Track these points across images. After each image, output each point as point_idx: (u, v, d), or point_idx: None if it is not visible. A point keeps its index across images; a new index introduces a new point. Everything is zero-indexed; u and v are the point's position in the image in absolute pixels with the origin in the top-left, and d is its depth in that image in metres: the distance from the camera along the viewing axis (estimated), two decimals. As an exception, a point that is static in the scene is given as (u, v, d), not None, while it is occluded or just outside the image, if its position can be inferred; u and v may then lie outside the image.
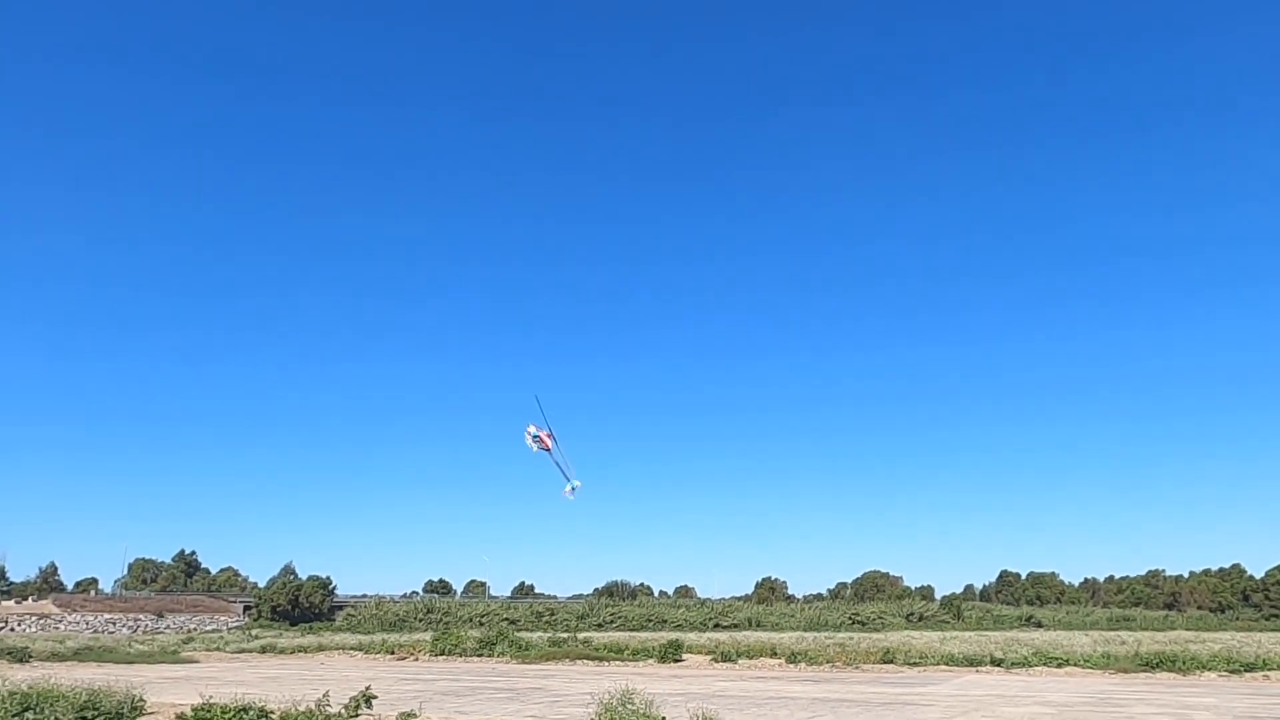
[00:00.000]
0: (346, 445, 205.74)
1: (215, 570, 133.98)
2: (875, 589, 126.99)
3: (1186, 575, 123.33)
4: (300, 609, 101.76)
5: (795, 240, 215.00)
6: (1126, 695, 23.15)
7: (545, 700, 22.12)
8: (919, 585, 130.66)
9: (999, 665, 33.95)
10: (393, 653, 46.60)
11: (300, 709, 15.26)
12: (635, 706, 14.17)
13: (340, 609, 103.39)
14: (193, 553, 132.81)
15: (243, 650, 52.47)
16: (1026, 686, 26.18)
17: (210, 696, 17.04)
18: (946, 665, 34.79)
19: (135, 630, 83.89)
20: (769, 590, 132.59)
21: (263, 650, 52.27)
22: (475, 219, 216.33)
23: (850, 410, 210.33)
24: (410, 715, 17.11)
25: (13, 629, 76.47)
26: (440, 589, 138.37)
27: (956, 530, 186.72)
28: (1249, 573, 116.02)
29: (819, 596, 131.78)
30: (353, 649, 50.75)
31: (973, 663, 34.72)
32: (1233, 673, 30.20)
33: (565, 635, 53.50)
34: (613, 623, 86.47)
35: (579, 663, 39.17)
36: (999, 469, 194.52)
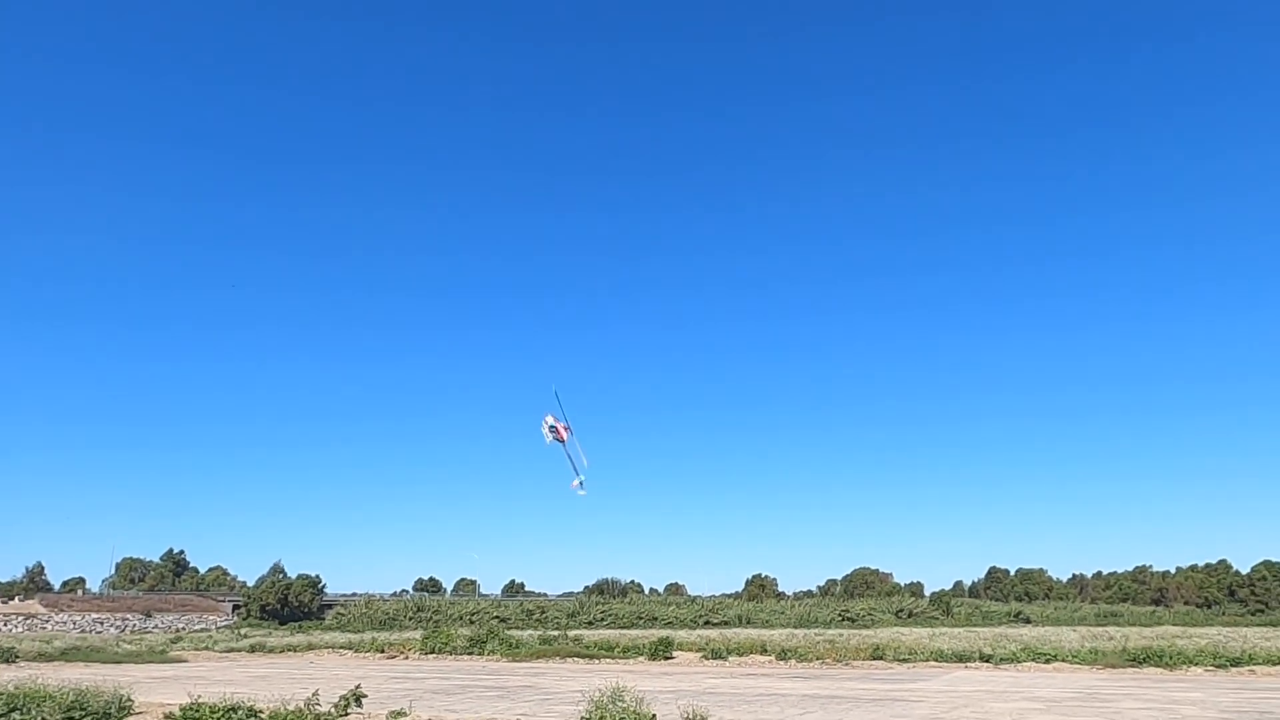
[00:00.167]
0: (336, 443, 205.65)
1: (204, 569, 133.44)
2: (865, 586, 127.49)
3: (1173, 571, 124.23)
4: (289, 608, 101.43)
5: (787, 237, 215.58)
6: (1114, 690, 23.29)
7: (536, 698, 22.10)
8: (908, 582, 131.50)
9: (988, 661, 34.10)
10: (383, 651, 46.50)
11: (289, 708, 15.21)
12: (626, 704, 14.18)
13: (330, 608, 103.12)
14: (181, 552, 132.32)
15: (232, 649, 52.27)
16: (1015, 682, 26.32)
17: (199, 696, 16.97)
18: (936, 661, 34.93)
19: (123, 630, 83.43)
20: (759, 587, 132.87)
21: (252, 649, 52.08)
22: (469, 215, 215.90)
23: (840, 408, 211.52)
24: (400, 714, 17.08)
25: (-1, 629, 75.96)
26: (430, 587, 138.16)
27: (946, 527, 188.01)
28: (1235, 568, 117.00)
29: (809, 593, 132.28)
30: (342, 648, 50.62)
31: (962, 659, 34.87)
32: (1219, 667, 30.42)
33: (556, 633, 53.48)
34: (603, 620, 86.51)
35: (569, 660, 39.16)
36: (988, 466, 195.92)
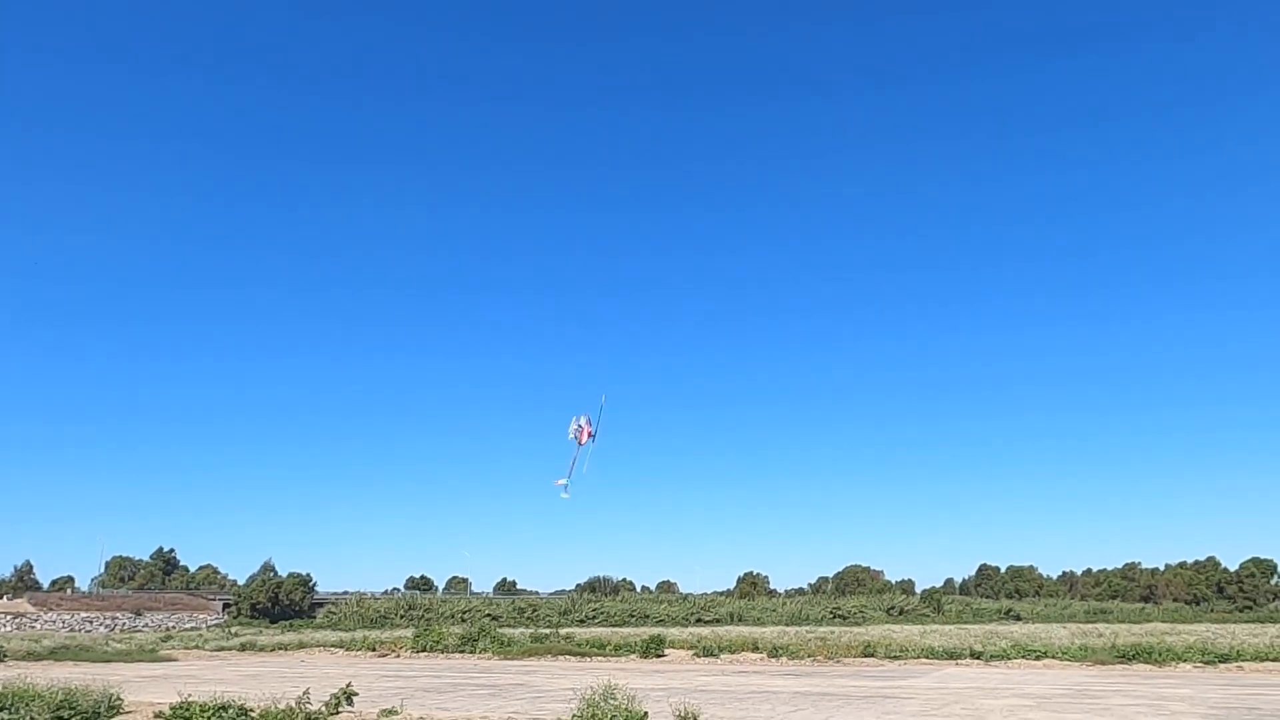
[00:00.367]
0: (327, 441, 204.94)
1: (194, 568, 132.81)
2: (856, 583, 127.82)
3: (1163, 568, 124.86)
4: (280, 606, 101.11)
5: (781, 235, 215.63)
6: (1104, 687, 23.40)
7: (527, 696, 22.09)
8: (899, 579, 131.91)
9: (978, 658, 34.22)
10: (374, 650, 46.40)
11: (280, 707, 15.17)
12: (617, 702, 14.18)
13: (321, 606, 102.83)
14: (171, 550, 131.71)
15: (222, 648, 52.07)
16: (1005, 679, 26.42)
17: (189, 695, 16.90)
18: (926, 658, 35.05)
19: (112, 629, 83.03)
20: (751, 585, 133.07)
21: (242, 648, 51.89)
22: (460, 213, 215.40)
23: (832, 405, 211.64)
24: (391, 712, 17.05)
25: (-13, 628, 75.54)
26: (422, 585, 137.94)
27: (937, 525, 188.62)
28: (1224, 565, 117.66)
29: (800, 591, 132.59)
30: (334, 646, 50.49)
31: (952, 656, 34.99)
32: (1208, 664, 30.59)
33: (547, 631, 53.45)
34: (595, 618, 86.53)
35: (561, 659, 39.15)
36: (979, 464, 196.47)
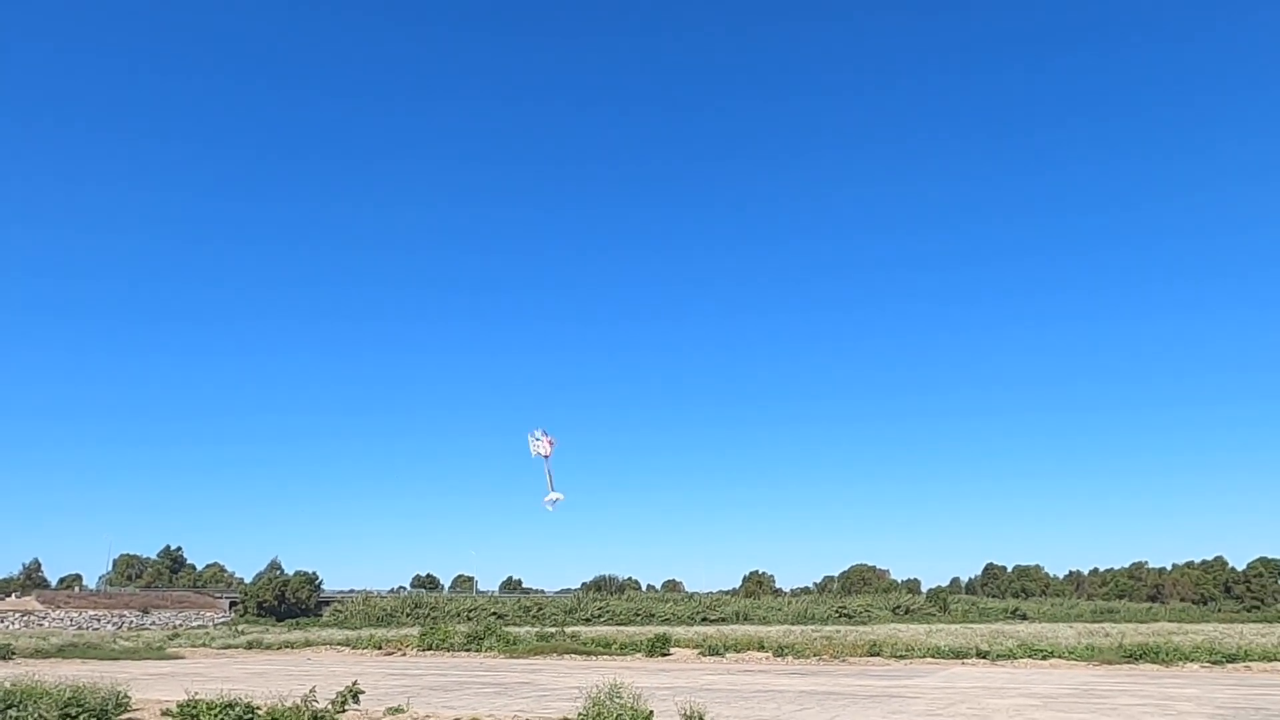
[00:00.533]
0: (333, 440, 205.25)
1: (201, 566, 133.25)
2: (862, 582, 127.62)
3: (1170, 568, 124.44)
4: (287, 604, 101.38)
5: (783, 233, 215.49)
6: (1110, 687, 23.35)
7: (533, 695, 22.11)
8: (905, 579, 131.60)
9: (985, 658, 34.15)
10: (380, 648, 46.50)
11: (287, 705, 15.20)
12: (623, 700, 14.18)
13: (327, 604, 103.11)
14: (178, 548, 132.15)
15: (229, 646, 52.23)
16: (1012, 679, 26.38)
17: (196, 693, 16.96)
18: (933, 658, 34.99)
19: (120, 627, 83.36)
20: (756, 584, 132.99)
21: (249, 646, 52.03)
22: (464, 211, 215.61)
23: (837, 404, 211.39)
24: (398, 710, 17.09)
25: (-5, 626, 75.89)
26: (428, 584, 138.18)
27: (943, 524, 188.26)
28: (1231, 565, 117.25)
29: (806, 590, 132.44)
30: (340, 644, 50.61)
31: (959, 655, 34.93)
32: (1215, 664, 30.48)
33: (553, 630, 53.51)
34: (600, 617, 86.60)
35: (567, 657, 39.19)
36: (985, 463, 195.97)
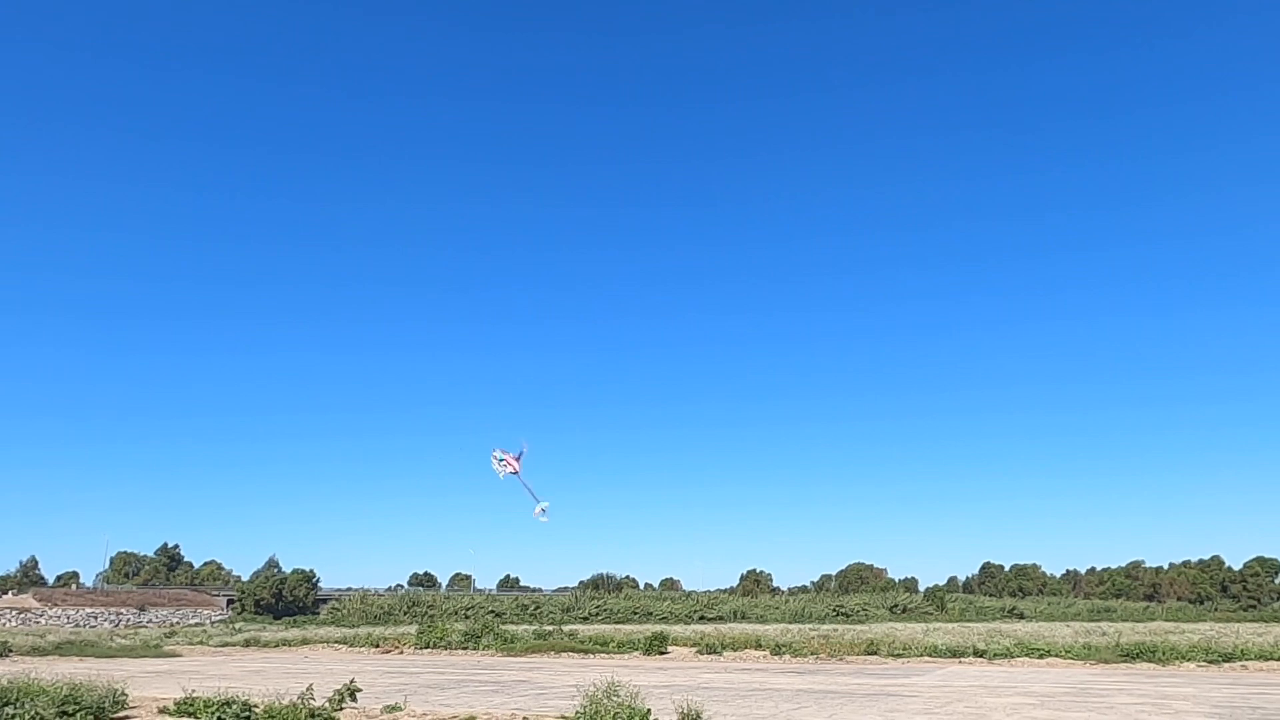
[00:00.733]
0: (331, 438, 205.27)
1: (198, 564, 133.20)
2: (859, 581, 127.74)
3: (1166, 567, 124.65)
4: (284, 602, 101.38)
5: (781, 231, 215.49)
6: (1107, 685, 23.38)
7: (531, 693, 22.11)
8: (903, 577, 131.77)
9: (982, 656, 34.18)
10: (377, 646, 46.50)
11: (284, 702, 15.19)
12: (620, 699, 14.18)
13: (324, 602, 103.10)
14: (175, 546, 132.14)
15: (226, 644, 52.20)
16: (1009, 677, 26.40)
17: (193, 690, 16.95)
18: (930, 657, 35.02)
19: (117, 624, 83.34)
20: (754, 583, 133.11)
21: (246, 644, 52.01)
22: (464, 209, 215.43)
23: (835, 403, 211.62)
24: (395, 708, 17.08)
25: (-8, 623, 75.79)
26: (425, 582, 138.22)
27: (940, 523, 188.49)
28: (1228, 564, 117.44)
29: (804, 589, 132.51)
30: (337, 642, 50.58)
31: (956, 654, 34.95)
32: (1211, 663, 30.53)
33: (551, 628, 53.51)
34: (598, 615, 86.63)
35: (564, 655, 39.19)
36: (982, 462, 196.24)
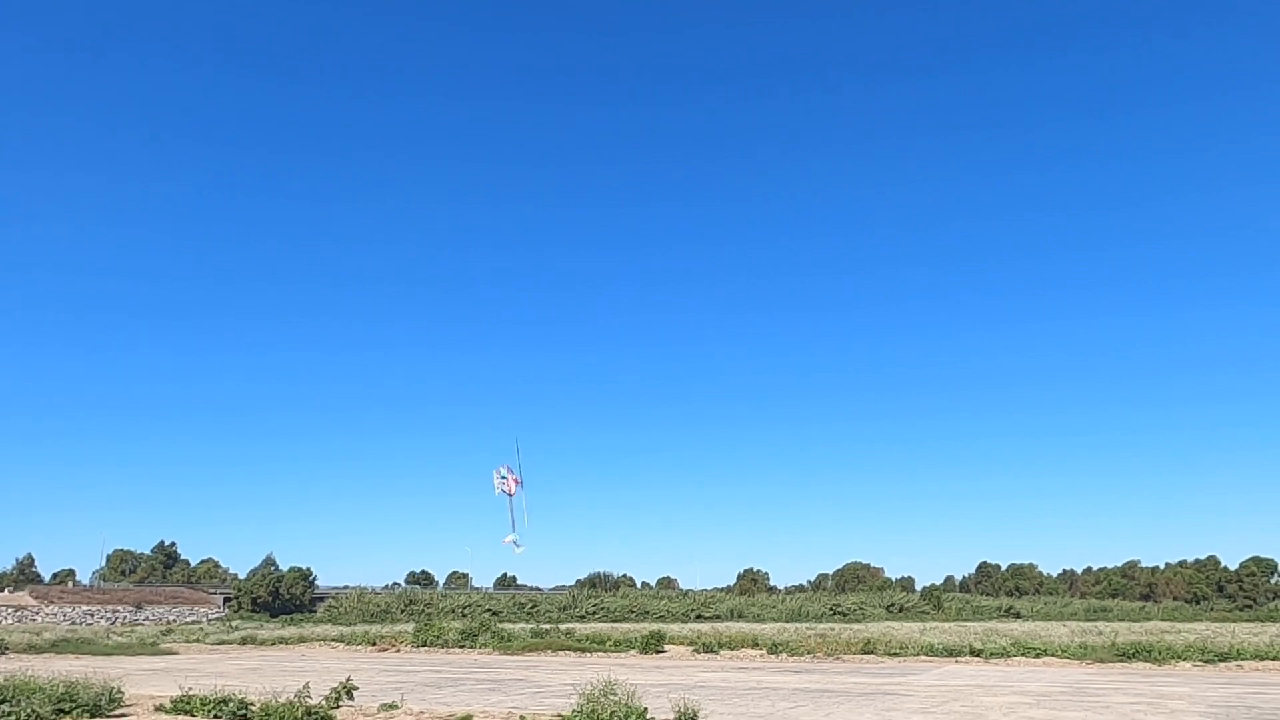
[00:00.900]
0: (328, 436, 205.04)
1: (195, 561, 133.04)
2: (856, 580, 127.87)
3: (1163, 567, 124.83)
4: (281, 600, 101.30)
5: (777, 230, 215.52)
6: (1103, 685, 23.42)
7: (528, 691, 22.11)
8: (899, 576, 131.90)
9: (978, 656, 34.23)
10: (374, 644, 46.46)
11: (281, 700, 15.19)
12: (617, 697, 14.20)
13: (321, 600, 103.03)
14: (172, 544, 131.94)
15: (223, 642, 52.17)
16: (1005, 676, 26.45)
17: (190, 688, 16.95)
18: (926, 656, 35.07)
19: (113, 622, 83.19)
20: (751, 582, 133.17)
21: (243, 642, 51.97)
22: (463, 207, 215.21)
23: (832, 402, 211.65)
24: (392, 706, 17.08)
25: (-12, 621, 75.71)
26: (422, 580, 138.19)
27: (937, 522, 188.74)
28: (1224, 564, 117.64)
29: (800, 588, 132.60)
30: (334, 640, 50.55)
31: (952, 653, 35.00)
32: (1207, 662, 30.58)
33: (548, 627, 53.51)
34: (595, 614, 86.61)
35: (561, 654, 39.21)
36: (979, 461, 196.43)
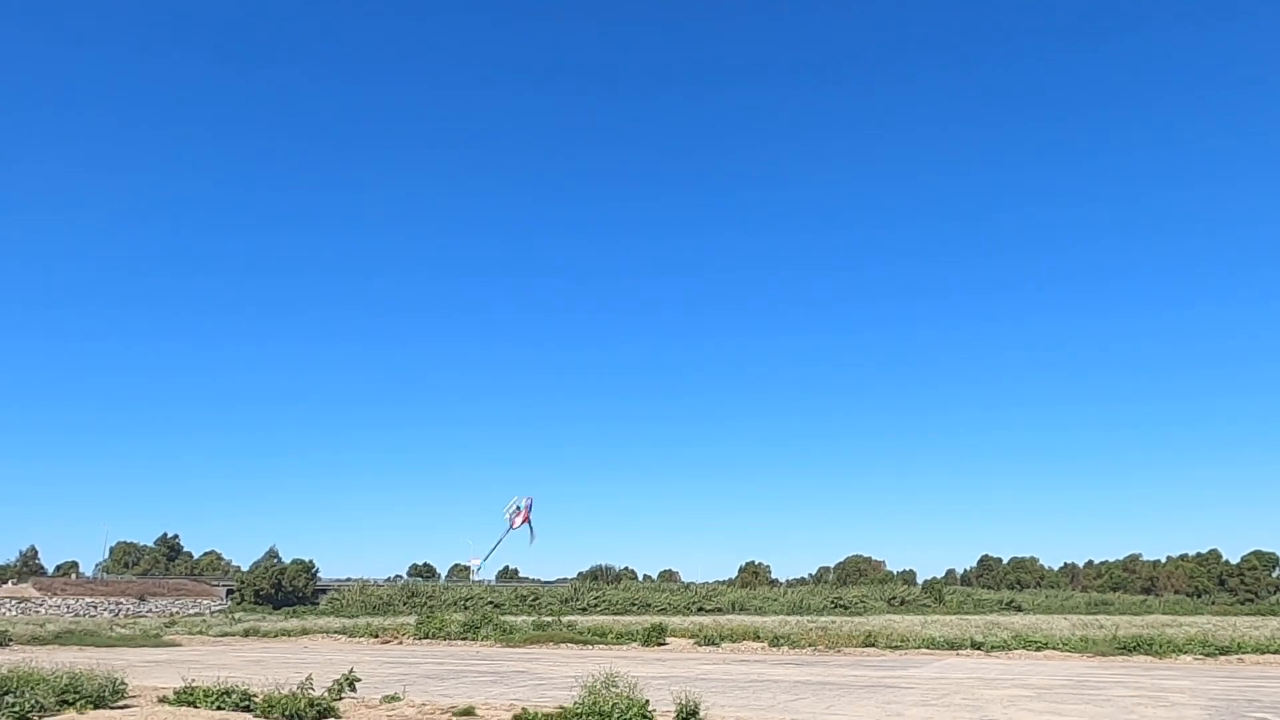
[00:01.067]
0: (331, 429, 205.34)
1: (198, 554, 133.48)
2: (857, 573, 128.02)
3: (1164, 560, 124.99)
4: (283, 592, 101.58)
5: (778, 225, 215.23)
6: (1104, 678, 23.44)
7: (529, 683, 22.16)
8: (901, 569, 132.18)
9: (979, 649, 34.26)
10: (376, 636, 46.56)
11: (283, 692, 15.22)
12: (619, 689, 14.22)
13: (324, 592, 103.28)
14: (175, 536, 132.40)
15: (225, 634, 52.31)
16: (1006, 669, 26.46)
17: (193, 680, 16.98)
18: (927, 649, 35.08)
19: (117, 614, 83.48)
20: (752, 574, 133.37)
21: (246, 634, 52.13)
22: (462, 202, 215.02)
23: (833, 396, 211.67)
24: (394, 698, 17.12)
25: (-8, 612, 75.97)
26: (424, 572, 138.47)
27: (938, 515, 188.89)
28: (1225, 558, 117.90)
29: (802, 581, 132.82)
30: (336, 633, 50.68)
31: (953, 646, 35.03)
32: (1208, 656, 30.60)
33: (549, 619, 53.61)
34: (597, 607, 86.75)
35: (563, 646, 39.28)
36: (981, 455, 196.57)
